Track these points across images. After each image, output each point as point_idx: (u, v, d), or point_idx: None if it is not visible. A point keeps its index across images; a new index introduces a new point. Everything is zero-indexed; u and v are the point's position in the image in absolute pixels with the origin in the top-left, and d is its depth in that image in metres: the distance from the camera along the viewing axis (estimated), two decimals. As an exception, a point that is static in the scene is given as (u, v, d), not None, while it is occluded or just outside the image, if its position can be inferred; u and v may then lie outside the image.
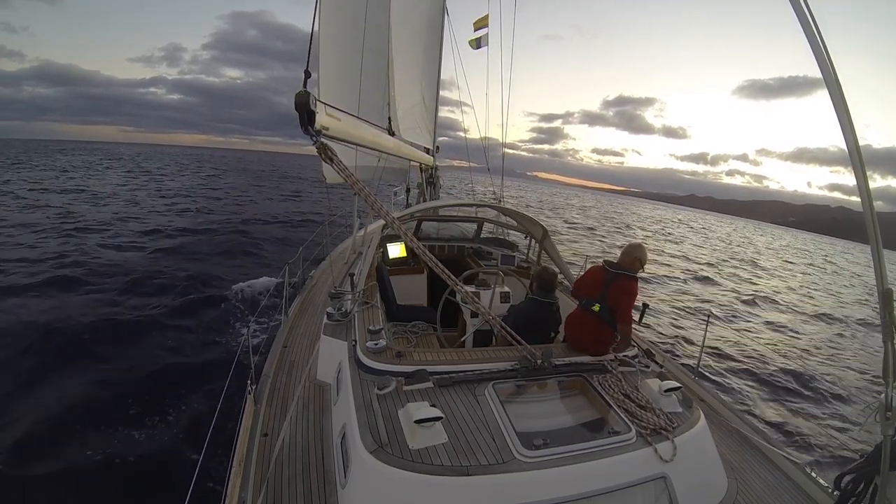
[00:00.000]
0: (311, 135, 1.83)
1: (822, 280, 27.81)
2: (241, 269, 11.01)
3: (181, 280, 9.61)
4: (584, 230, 32.41)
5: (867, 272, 35.28)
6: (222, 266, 11.31)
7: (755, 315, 14.22)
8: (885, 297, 1.59)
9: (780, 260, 35.80)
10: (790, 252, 49.54)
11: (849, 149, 1.58)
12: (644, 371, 2.81)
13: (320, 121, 1.85)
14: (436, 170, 8.57)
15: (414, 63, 7.44)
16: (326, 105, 1.97)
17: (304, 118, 1.76)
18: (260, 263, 11.90)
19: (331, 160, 1.94)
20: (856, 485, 2.15)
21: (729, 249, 36.52)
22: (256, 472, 2.38)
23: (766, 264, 29.95)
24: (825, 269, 36.90)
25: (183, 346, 6.67)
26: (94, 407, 5.01)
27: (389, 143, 4.06)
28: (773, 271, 26.88)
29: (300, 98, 1.71)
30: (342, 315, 3.24)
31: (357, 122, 2.80)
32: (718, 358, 9.14)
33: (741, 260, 29.77)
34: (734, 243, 45.01)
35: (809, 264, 38.05)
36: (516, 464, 1.92)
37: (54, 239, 12.87)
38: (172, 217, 18.81)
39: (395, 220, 2.35)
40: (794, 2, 1.58)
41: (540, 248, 5.08)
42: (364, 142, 2.76)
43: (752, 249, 40.26)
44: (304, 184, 46.61)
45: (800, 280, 25.30)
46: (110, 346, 6.39)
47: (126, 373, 5.77)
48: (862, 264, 46.49)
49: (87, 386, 5.43)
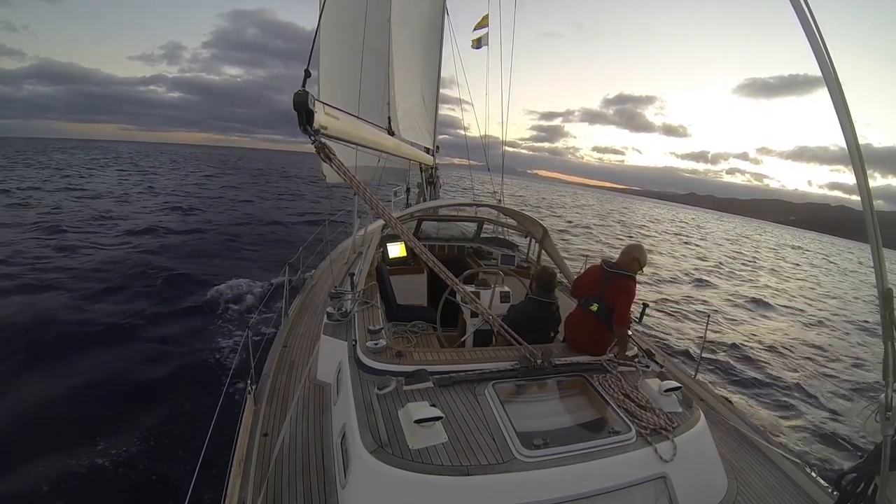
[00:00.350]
0: (309, 134, 1.83)
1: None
2: (228, 269, 10.82)
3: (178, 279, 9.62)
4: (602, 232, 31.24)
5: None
6: (209, 266, 11.21)
7: (766, 316, 14.12)
8: (885, 297, 1.59)
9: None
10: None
11: (849, 148, 1.57)
12: (644, 371, 2.81)
13: (319, 120, 1.85)
14: (436, 170, 8.57)
15: (414, 63, 7.44)
16: (325, 104, 1.97)
17: (302, 117, 1.76)
18: (252, 264, 11.76)
19: (329, 159, 1.93)
20: (856, 485, 2.14)
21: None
22: (256, 472, 2.38)
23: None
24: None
25: (178, 348, 6.67)
26: (93, 407, 5.02)
27: (389, 142, 4.05)
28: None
29: (299, 97, 1.71)
30: (342, 315, 3.25)
31: (356, 122, 2.80)
32: (718, 359, 9.14)
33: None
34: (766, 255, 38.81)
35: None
36: (516, 464, 1.92)
37: (38, 239, 12.70)
38: (161, 216, 18.54)
39: (394, 220, 2.35)
40: (793, 1, 1.57)
41: (540, 248, 5.08)
42: (363, 141, 2.75)
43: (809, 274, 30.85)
44: (299, 182, 45.97)
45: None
46: (101, 349, 6.38)
47: (126, 372, 5.78)
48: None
49: (87, 385, 5.44)
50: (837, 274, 33.78)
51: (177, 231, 15.47)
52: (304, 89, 1.73)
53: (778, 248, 51.69)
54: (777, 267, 29.85)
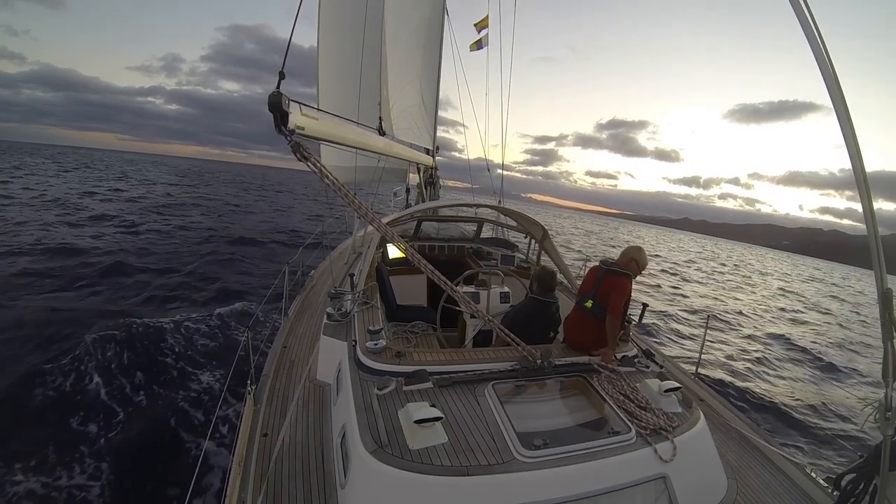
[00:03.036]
0: (284, 135, 1.84)
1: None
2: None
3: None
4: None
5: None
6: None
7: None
8: (884, 298, 1.59)
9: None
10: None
11: (848, 147, 1.58)
12: (644, 371, 2.81)
13: (294, 121, 1.86)
14: (436, 170, 8.57)
15: (412, 62, 7.41)
16: (302, 105, 1.97)
17: (277, 119, 1.77)
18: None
19: (305, 158, 1.93)
20: (855, 485, 2.15)
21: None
22: (256, 472, 2.38)
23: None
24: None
25: (178, 347, 6.67)
26: (93, 408, 5.02)
27: (379, 143, 4.01)
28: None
29: (273, 98, 1.73)
30: (342, 315, 3.25)
31: (340, 122, 2.78)
32: (718, 357, 9.14)
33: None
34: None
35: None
36: (516, 464, 1.92)
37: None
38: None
39: (375, 218, 2.31)
40: (802, 22, 1.57)
41: (540, 248, 5.08)
42: (347, 141, 2.74)
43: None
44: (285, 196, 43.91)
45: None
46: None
47: (123, 373, 5.77)
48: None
49: (84, 386, 5.44)
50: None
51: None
52: (279, 91, 1.74)
53: (811, 279, 45.76)
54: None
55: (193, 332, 7.18)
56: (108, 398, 5.24)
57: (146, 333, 6.76)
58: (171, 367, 6.07)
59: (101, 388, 5.39)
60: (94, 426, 4.72)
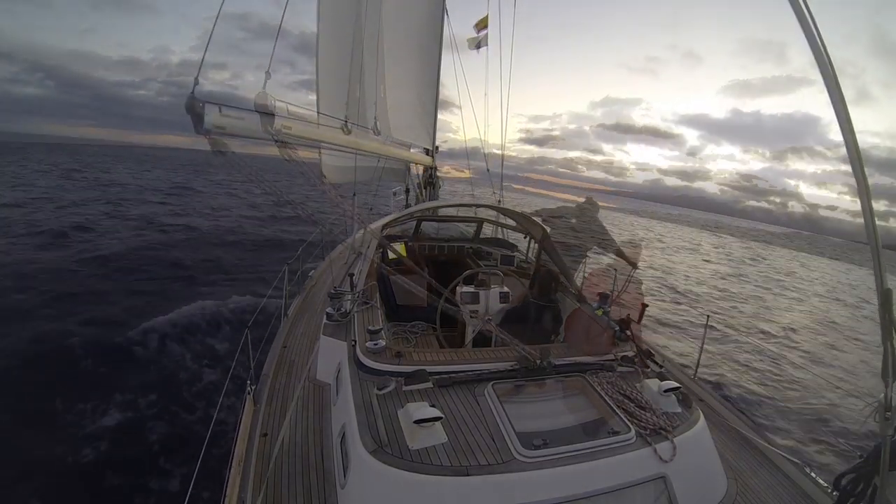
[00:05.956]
0: (203, 134, 1.90)
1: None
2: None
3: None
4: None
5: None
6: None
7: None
8: (884, 297, 1.59)
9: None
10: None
11: (847, 147, 1.57)
12: (644, 371, 2.81)
13: (211, 121, 1.90)
14: (435, 170, 8.55)
15: (409, 61, 7.35)
16: (222, 106, 2.01)
17: (194, 119, 1.85)
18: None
19: (222, 153, 1.98)
20: (855, 485, 2.14)
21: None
22: (256, 472, 2.38)
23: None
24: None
25: (177, 348, 6.66)
26: (92, 408, 5.01)
27: (371, 143, 3.86)
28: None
29: (187, 101, 1.83)
30: (342, 315, 3.25)
31: (314, 125, 2.78)
32: (718, 358, 9.14)
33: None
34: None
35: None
36: (516, 464, 1.92)
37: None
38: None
39: (360, 220, 2.34)
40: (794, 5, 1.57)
41: (539, 249, 5.07)
42: (327, 140, 2.79)
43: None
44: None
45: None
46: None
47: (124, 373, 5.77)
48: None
49: (83, 387, 5.43)
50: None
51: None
52: (193, 94, 1.84)
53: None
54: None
55: (193, 332, 7.18)
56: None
57: (146, 333, 6.77)
58: (171, 366, 6.07)
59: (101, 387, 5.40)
60: (92, 426, 4.72)
